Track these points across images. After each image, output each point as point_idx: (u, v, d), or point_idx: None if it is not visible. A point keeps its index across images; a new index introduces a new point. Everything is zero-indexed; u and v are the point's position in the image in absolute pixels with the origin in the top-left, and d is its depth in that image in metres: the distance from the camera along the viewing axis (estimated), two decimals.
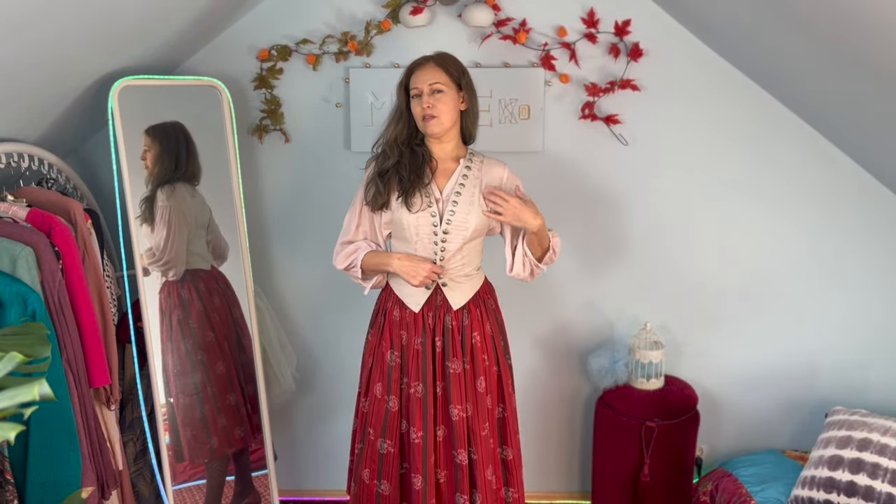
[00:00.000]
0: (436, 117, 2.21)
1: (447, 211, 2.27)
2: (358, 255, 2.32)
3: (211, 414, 2.69)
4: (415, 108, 2.24)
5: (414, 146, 2.29)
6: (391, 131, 2.29)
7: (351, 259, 2.33)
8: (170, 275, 2.60)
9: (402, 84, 2.28)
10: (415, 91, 2.23)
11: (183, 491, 2.63)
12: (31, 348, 1.32)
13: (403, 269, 2.26)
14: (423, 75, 2.22)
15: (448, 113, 2.22)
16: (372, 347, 2.39)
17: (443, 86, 2.21)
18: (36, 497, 1.87)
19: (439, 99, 2.20)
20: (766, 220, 2.92)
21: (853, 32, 2.05)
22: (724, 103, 2.83)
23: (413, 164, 2.26)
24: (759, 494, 2.60)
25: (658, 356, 2.80)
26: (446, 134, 2.27)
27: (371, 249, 2.33)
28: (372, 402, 2.36)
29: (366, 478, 2.36)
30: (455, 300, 2.30)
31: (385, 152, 2.30)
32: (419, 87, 2.21)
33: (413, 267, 2.24)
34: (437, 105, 2.20)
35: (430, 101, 2.20)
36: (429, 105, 2.20)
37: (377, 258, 2.31)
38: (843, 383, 3.02)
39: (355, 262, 2.32)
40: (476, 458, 2.31)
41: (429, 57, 2.26)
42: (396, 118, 2.29)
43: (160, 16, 2.30)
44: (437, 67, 2.23)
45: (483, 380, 2.31)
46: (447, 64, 2.24)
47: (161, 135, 2.57)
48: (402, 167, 2.25)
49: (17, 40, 1.82)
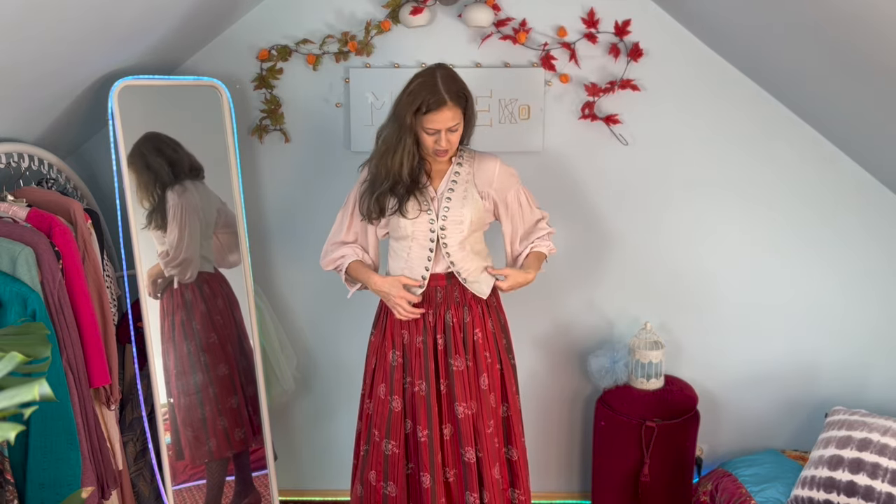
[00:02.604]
0: (448, 150, 2.24)
1: (442, 208, 2.29)
2: (343, 262, 2.39)
3: (211, 415, 2.68)
4: (426, 140, 2.21)
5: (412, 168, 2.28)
6: (393, 161, 2.22)
7: (336, 265, 2.41)
8: (186, 276, 2.61)
9: (407, 118, 2.17)
10: (432, 131, 2.18)
11: (183, 491, 2.63)
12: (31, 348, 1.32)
13: (380, 293, 2.34)
14: (441, 118, 2.16)
15: (457, 141, 2.26)
16: (375, 348, 2.40)
17: (458, 124, 2.21)
18: (36, 497, 1.87)
19: (453, 133, 2.22)
20: (765, 220, 2.92)
21: (853, 32, 2.05)
22: (724, 103, 2.83)
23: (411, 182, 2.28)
24: (759, 494, 2.60)
25: (658, 356, 2.80)
26: None
27: (357, 258, 2.39)
28: (376, 404, 2.36)
29: (372, 479, 2.36)
30: (482, 290, 2.35)
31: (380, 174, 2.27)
32: (438, 130, 2.18)
33: (386, 292, 2.31)
34: (450, 139, 2.22)
35: (448, 138, 2.20)
36: (447, 142, 2.21)
37: (359, 273, 2.38)
38: (843, 383, 3.02)
39: (340, 268, 2.41)
40: (482, 456, 2.32)
41: (443, 97, 2.14)
42: (399, 147, 2.21)
43: (160, 15, 2.30)
44: (455, 107, 2.17)
45: (486, 377, 2.32)
46: (460, 100, 2.18)
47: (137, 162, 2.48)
48: (398, 187, 2.27)
49: (16, 40, 1.81)
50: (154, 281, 2.53)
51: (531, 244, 2.40)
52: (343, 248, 2.40)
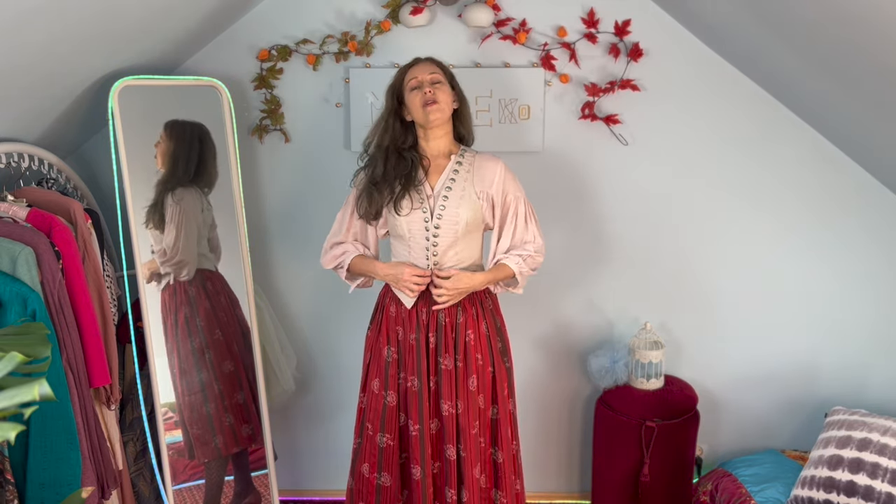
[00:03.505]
0: (437, 103, 2.25)
1: (437, 206, 2.28)
2: (345, 258, 2.39)
3: (217, 412, 2.69)
4: (413, 99, 2.27)
5: (402, 151, 2.31)
6: (377, 136, 2.35)
7: (339, 261, 2.40)
8: (182, 275, 2.61)
9: (393, 87, 2.34)
10: (414, 82, 2.28)
11: (183, 491, 2.63)
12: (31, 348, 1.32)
13: (388, 278, 2.33)
14: (421, 67, 2.31)
15: (446, 100, 2.28)
16: (370, 343, 2.42)
17: (440, 78, 2.30)
18: (36, 497, 1.87)
19: (439, 88, 2.27)
20: (765, 220, 2.92)
21: (853, 32, 2.05)
22: (724, 103, 2.83)
23: (401, 169, 2.30)
24: (758, 494, 2.60)
25: (658, 356, 2.80)
26: (441, 128, 2.31)
27: (359, 253, 2.39)
28: (370, 398, 2.38)
29: (365, 472, 2.38)
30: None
31: (374, 160, 2.34)
32: (419, 78, 2.27)
33: (394, 274, 2.29)
34: (437, 93, 2.25)
35: (432, 88, 2.26)
36: (430, 91, 2.24)
37: (363, 265, 2.37)
38: (843, 383, 3.02)
39: (342, 264, 2.40)
40: (464, 455, 2.32)
41: (419, 58, 2.36)
42: (383, 124, 2.34)
43: (160, 16, 2.30)
44: (434, 64, 2.34)
45: (475, 378, 2.32)
46: (440, 63, 2.35)
47: (177, 133, 2.58)
48: (388, 175, 2.29)
49: (17, 40, 1.82)
50: (152, 275, 2.54)
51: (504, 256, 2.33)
52: (343, 246, 2.41)
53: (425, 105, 2.24)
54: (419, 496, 2.34)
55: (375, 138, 2.35)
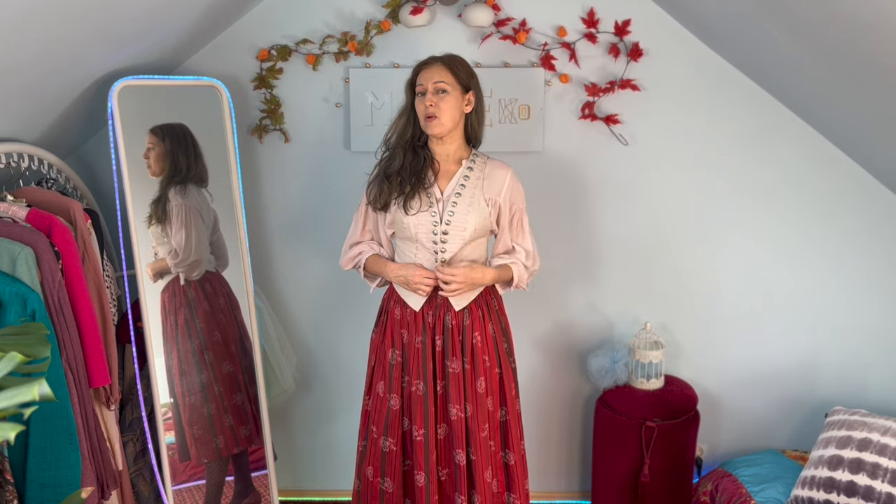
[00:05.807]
0: (437, 118, 2.22)
1: (446, 212, 2.27)
2: (361, 258, 2.40)
3: (217, 413, 2.69)
4: (418, 106, 2.26)
5: (417, 147, 2.31)
6: (397, 128, 2.33)
7: (356, 261, 2.41)
8: (193, 275, 2.62)
9: (409, 82, 2.31)
10: (420, 88, 2.25)
11: (183, 491, 2.63)
12: (31, 348, 1.32)
13: (398, 280, 2.31)
14: (429, 73, 2.25)
15: (449, 113, 2.23)
16: (375, 346, 2.41)
17: (447, 86, 2.23)
18: (36, 497, 1.87)
19: (442, 98, 2.22)
20: (765, 220, 2.92)
21: (854, 31, 2.05)
22: (724, 103, 2.83)
23: (414, 166, 2.28)
24: (759, 494, 2.60)
25: (658, 356, 2.80)
26: (448, 135, 2.28)
27: (374, 252, 2.39)
28: (374, 401, 2.37)
29: (370, 475, 2.37)
30: (457, 301, 2.30)
31: (391, 153, 2.33)
32: (424, 85, 2.24)
33: (404, 275, 2.28)
34: (439, 104, 2.21)
35: (434, 99, 2.21)
36: (431, 104, 2.21)
37: (377, 265, 2.37)
38: (843, 383, 3.02)
39: (358, 264, 2.40)
40: (475, 459, 2.30)
41: (437, 57, 2.28)
42: (403, 116, 2.32)
43: (160, 16, 2.30)
44: (444, 68, 2.25)
45: (483, 381, 2.31)
46: (455, 65, 2.26)
47: (167, 134, 2.57)
48: (403, 170, 2.28)
49: (16, 40, 1.81)
50: (157, 274, 2.54)
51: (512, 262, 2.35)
52: (360, 246, 2.41)
53: (425, 118, 2.24)
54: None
55: (397, 131, 2.33)
